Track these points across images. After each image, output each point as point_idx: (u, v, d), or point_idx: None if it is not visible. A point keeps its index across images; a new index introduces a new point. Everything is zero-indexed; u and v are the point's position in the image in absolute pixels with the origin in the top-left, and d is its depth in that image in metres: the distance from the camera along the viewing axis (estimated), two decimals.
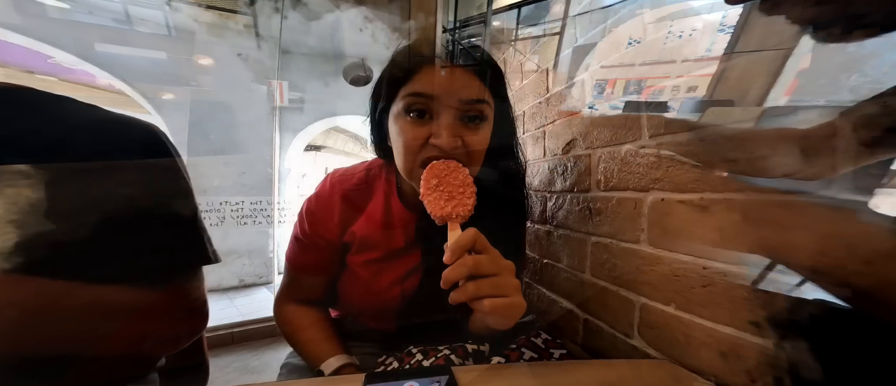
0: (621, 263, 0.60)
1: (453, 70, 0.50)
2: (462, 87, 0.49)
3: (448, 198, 0.46)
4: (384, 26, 3.48)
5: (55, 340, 0.37)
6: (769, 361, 0.38)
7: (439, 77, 0.49)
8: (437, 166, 0.47)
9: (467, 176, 0.47)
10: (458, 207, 0.45)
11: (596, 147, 0.67)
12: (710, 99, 0.48)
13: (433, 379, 0.41)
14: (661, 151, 0.52)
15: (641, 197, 0.56)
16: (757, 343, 0.40)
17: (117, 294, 0.40)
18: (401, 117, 0.50)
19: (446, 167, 0.48)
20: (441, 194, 0.46)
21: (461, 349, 0.52)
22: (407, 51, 0.53)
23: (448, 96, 0.48)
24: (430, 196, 0.46)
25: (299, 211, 0.61)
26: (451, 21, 0.76)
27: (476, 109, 0.49)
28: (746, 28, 0.44)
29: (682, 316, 0.49)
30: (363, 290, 0.60)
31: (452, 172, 0.48)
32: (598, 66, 0.67)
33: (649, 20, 0.56)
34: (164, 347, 0.48)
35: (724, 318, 0.43)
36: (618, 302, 0.60)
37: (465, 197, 0.46)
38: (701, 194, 0.46)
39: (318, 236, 0.59)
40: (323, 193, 0.60)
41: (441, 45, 0.53)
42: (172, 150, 0.48)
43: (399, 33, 0.68)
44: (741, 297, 0.41)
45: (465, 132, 0.49)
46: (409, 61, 0.50)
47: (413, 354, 0.52)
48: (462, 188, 0.47)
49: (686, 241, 0.48)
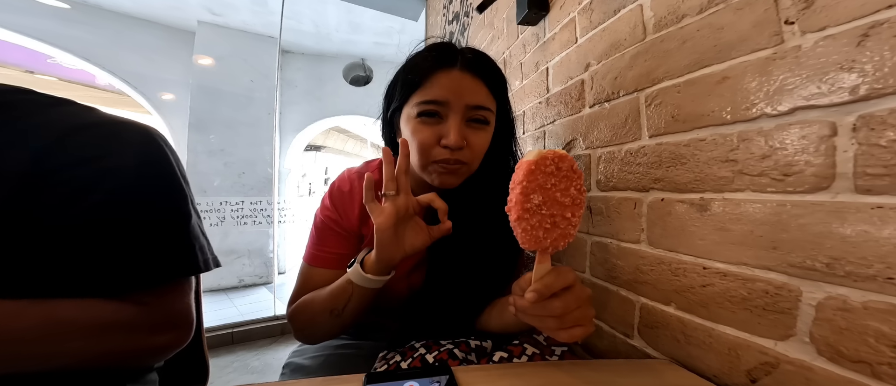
0: (621, 263, 0.60)
1: (463, 76, 0.53)
2: (470, 92, 0.53)
3: (552, 225, 0.37)
4: (387, 27, 3.48)
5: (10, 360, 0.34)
6: (769, 360, 0.38)
7: (452, 83, 0.53)
8: (540, 172, 0.37)
9: (580, 189, 0.39)
10: (560, 240, 0.38)
11: (596, 147, 0.67)
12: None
13: (433, 379, 0.41)
14: (661, 151, 0.52)
15: (641, 197, 0.56)
16: (757, 343, 0.40)
17: (77, 309, 0.37)
18: (413, 119, 0.54)
19: (556, 174, 0.37)
20: (543, 220, 0.37)
21: (464, 344, 0.52)
22: (421, 56, 0.57)
23: (457, 101, 0.52)
24: (527, 220, 0.37)
25: (319, 204, 0.64)
26: (451, 20, 0.76)
27: (481, 114, 0.54)
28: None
29: (682, 316, 0.49)
30: None
31: (563, 182, 0.38)
32: (599, 65, 0.67)
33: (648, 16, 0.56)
34: (138, 360, 0.44)
35: (724, 318, 0.43)
36: (618, 302, 0.60)
37: (573, 221, 0.38)
38: (701, 194, 0.46)
39: (340, 227, 0.61)
40: (343, 186, 0.63)
41: (452, 51, 0.56)
42: (171, 155, 0.46)
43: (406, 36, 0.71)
44: (741, 297, 0.41)
45: (470, 134, 0.54)
46: (424, 67, 0.54)
47: (416, 349, 0.52)
48: (571, 208, 0.38)
49: (686, 241, 0.48)
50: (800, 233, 0.36)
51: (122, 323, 0.39)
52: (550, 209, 0.37)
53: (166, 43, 3.59)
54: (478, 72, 0.54)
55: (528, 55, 0.96)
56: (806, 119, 0.36)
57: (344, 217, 0.61)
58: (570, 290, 0.39)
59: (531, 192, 0.37)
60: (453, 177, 0.55)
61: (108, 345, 0.39)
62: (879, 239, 0.30)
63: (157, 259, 0.43)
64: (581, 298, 0.40)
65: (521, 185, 0.37)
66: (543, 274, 0.39)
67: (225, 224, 3.44)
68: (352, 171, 0.65)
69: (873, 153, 0.31)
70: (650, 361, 0.52)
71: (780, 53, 0.38)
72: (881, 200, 0.30)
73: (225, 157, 3.47)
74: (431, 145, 0.53)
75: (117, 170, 0.41)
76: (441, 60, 0.54)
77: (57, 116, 0.42)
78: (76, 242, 0.39)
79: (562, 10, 0.80)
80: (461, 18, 1.67)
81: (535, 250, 0.39)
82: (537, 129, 0.90)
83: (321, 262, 0.61)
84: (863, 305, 0.31)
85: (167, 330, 0.43)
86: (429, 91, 0.53)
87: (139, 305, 0.41)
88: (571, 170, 0.38)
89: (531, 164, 0.36)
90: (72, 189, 0.39)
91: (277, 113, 3.69)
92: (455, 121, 0.52)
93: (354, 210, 0.61)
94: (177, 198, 0.46)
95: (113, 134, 0.43)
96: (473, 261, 0.59)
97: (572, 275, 0.40)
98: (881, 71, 0.30)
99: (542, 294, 0.38)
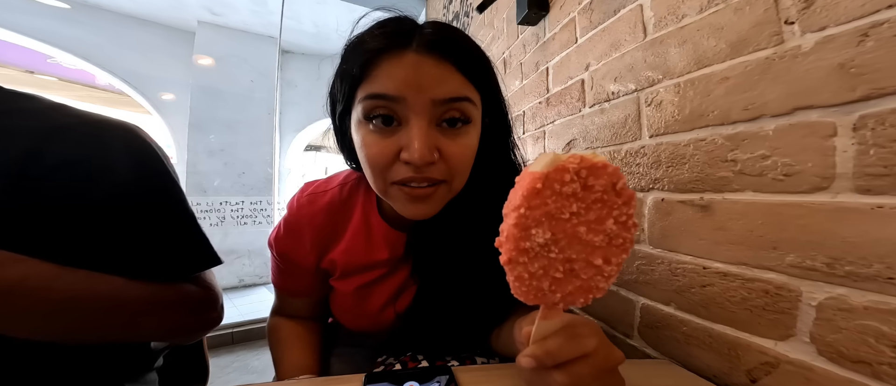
0: None
1: (421, 60, 0.36)
2: (434, 82, 0.37)
3: (566, 274, 0.26)
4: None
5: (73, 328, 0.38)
6: (769, 360, 0.38)
7: (405, 72, 0.36)
8: (550, 192, 0.24)
9: (626, 222, 0.25)
10: (578, 295, 0.27)
11: (596, 147, 0.67)
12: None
13: (433, 379, 0.41)
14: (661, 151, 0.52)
15: (641, 197, 0.56)
16: (757, 343, 0.40)
17: (152, 288, 0.42)
18: (362, 126, 0.39)
19: (581, 196, 0.24)
20: (551, 266, 0.25)
21: (469, 361, 0.50)
22: (365, 35, 0.40)
23: (417, 96, 0.36)
24: (524, 266, 0.25)
25: (269, 235, 0.54)
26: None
27: (456, 110, 0.38)
28: None
29: (682, 316, 0.49)
30: (354, 313, 0.54)
31: (593, 210, 0.25)
32: (599, 65, 0.67)
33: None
34: (202, 332, 0.52)
35: (724, 318, 0.43)
36: (618, 302, 0.60)
37: (605, 270, 0.26)
38: (701, 194, 0.46)
39: (292, 263, 0.52)
40: (290, 220, 0.51)
41: (406, 27, 0.39)
42: (159, 153, 0.46)
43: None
44: (741, 297, 0.41)
45: (443, 141, 0.38)
46: (367, 51, 0.38)
47: (418, 361, 0.50)
48: (605, 252, 0.26)
49: (686, 241, 0.48)
50: (800, 233, 0.36)
51: (196, 300, 0.47)
52: (566, 251, 0.25)
53: (166, 43, 3.59)
54: (444, 52, 0.37)
55: (528, 55, 0.96)
56: (806, 119, 0.36)
57: (296, 251, 0.51)
58: (587, 358, 0.27)
59: (533, 224, 0.24)
60: (425, 204, 0.40)
61: (185, 319, 0.46)
62: (879, 239, 0.30)
63: (207, 248, 0.49)
64: (602, 369, 0.28)
65: (517, 213, 0.24)
66: (547, 333, 0.28)
67: (225, 224, 3.44)
68: (303, 193, 0.52)
69: (873, 153, 0.31)
70: (650, 361, 0.52)
71: (779, 53, 0.38)
72: (881, 200, 0.30)
73: (225, 157, 3.46)
74: (388, 163, 0.38)
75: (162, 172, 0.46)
76: (390, 41, 0.37)
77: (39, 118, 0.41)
78: (133, 231, 0.42)
79: (562, 10, 0.80)
80: (461, 18, 1.68)
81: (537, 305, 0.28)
82: (537, 129, 0.90)
83: (288, 292, 0.56)
84: (863, 305, 0.31)
85: (219, 308, 0.52)
86: (375, 83, 0.37)
87: (203, 288, 0.49)
88: (613, 190, 0.24)
89: (537, 181, 0.23)
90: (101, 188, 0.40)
91: (277, 113, 3.69)
92: (418, 125, 0.36)
93: (306, 243, 0.50)
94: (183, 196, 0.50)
95: (94, 135, 0.42)
96: (466, 284, 0.48)
97: (592, 341, 0.28)
98: (881, 71, 0.30)
99: (542, 363, 0.27)
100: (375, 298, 0.52)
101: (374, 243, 0.50)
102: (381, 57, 0.37)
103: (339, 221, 0.51)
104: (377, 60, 0.37)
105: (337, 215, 0.51)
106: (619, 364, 0.30)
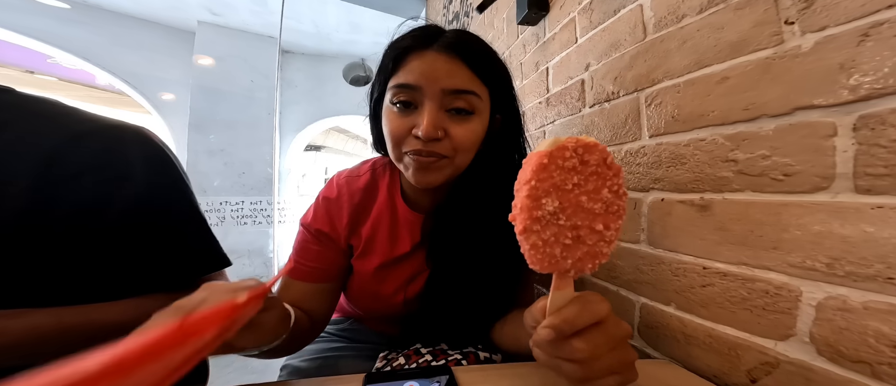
0: (621, 262, 0.60)
1: (438, 57, 0.46)
2: (445, 75, 0.45)
3: (574, 240, 0.29)
4: (387, 27, 3.48)
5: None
6: (769, 360, 0.38)
7: (424, 66, 0.45)
8: (555, 167, 0.28)
9: (618, 191, 0.30)
10: (586, 260, 0.29)
11: None
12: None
13: (433, 379, 0.41)
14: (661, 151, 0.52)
15: (641, 197, 0.56)
16: (757, 343, 0.40)
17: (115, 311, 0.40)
18: (389, 109, 0.48)
19: (580, 170, 0.28)
20: (561, 233, 0.28)
21: (473, 356, 0.51)
22: (400, 38, 0.50)
23: (431, 85, 0.45)
24: (538, 233, 0.28)
25: (304, 214, 0.59)
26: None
27: (462, 100, 0.46)
28: None
29: (682, 316, 0.49)
30: (370, 296, 0.59)
31: (591, 181, 0.29)
32: (599, 64, 0.67)
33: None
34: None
35: (724, 318, 0.43)
36: (618, 302, 0.60)
37: (606, 234, 0.29)
38: (701, 194, 0.46)
39: (327, 240, 0.57)
40: (331, 196, 0.58)
41: (433, 32, 0.49)
42: (172, 157, 0.47)
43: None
44: (741, 297, 0.41)
45: (449, 124, 0.46)
46: (399, 49, 0.47)
47: (422, 354, 0.52)
48: (604, 218, 0.29)
49: (686, 241, 0.48)
50: (800, 233, 0.36)
51: None
52: (572, 219, 0.28)
53: (166, 43, 3.59)
54: (458, 51, 0.46)
55: (528, 55, 0.96)
56: (806, 119, 0.36)
57: (333, 226, 0.57)
58: (601, 326, 0.30)
59: (543, 194, 0.28)
60: (429, 173, 0.48)
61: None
62: (879, 239, 0.30)
63: (218, 250, 0.51)
64: (615, 337, 0.30)
65: (528, 186, 0.27)
66: (562, 304, 0.30)
67: (225, 224, 3.43)
68: (340, 176, 0.60)
69: (873, 153, 0.31)
70: (650, 361, 0.52)
71: (779, 53, 0.38)
72: (881, 200, 0.30)
73: (225, 157, 3.46)
74: (404, 135, 0.47)
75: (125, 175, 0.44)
76: (416, 42, 0.47)
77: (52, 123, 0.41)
78: (137, 244, 0.42)
79: (562, 10, 0.80)
80: (461, 18, 1.68)
81: (550, 273, 0.30)
82: (537, 129, 0.90)
83: (299, 274, 0.57)
84: (863, 305, 0.31)
85: None
86: (401, 75, 0.47)
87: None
88: (604, 164, 0.29)
89: (543, 157, 0.27)
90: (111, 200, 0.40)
91: (277, 113, 3.69)
92: (429, 108, 0.45)
93: (343, 218, 0.57)
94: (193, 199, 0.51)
95: (108, 138, 0.43)
96: (475, 272, 0.53)
97: (604, 306, 0.30)
98: (881, 71, 0.30)
99: (561, 331, 0.29)
100: (391, 281, 0.57)
101: (396, 221, 0.57)
102: (408, 54, 0.47)
103: (370, 199, 0.58)
104: (405, 56, 0.47)
105: (369, 194, 0.58)
106: (629, 337, 0.32)
